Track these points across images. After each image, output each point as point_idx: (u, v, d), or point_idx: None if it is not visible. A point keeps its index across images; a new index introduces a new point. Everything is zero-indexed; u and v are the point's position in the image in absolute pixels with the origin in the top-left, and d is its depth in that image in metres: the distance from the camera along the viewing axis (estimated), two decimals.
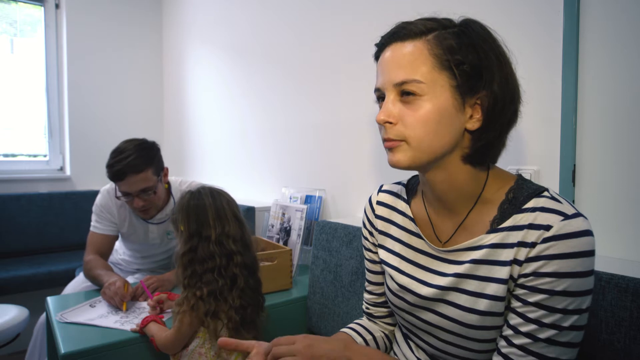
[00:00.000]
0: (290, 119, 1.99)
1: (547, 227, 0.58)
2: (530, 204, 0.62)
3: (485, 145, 0.64)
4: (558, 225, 0.58)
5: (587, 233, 0.58)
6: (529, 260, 0.59)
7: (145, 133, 3.12)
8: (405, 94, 0.63)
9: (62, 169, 2.95)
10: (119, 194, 1.47)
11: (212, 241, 1.03)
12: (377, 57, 0.70)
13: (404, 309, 0.76)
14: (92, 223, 1.60)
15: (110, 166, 1.42)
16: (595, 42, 0.95)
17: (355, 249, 1.31)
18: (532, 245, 0.59)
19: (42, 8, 2.86)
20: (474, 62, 0.61)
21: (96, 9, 2.96)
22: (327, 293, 1.39)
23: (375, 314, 0.90)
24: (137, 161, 1.42)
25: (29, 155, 2.90)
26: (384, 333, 0.89)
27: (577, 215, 0.59)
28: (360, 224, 1.35)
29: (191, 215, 1.06)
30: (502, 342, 0.62)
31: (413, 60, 0.62)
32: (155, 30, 3.25)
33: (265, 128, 2.18)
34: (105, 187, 1.61)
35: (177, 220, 1.09)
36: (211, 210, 1.06)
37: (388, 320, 0.89)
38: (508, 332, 0.62)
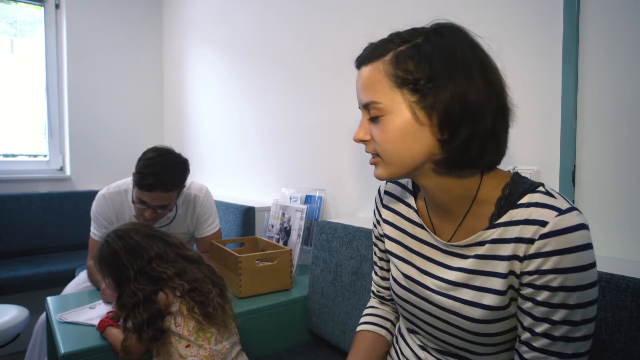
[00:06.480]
0: (290, 119, 1.99)
1: (543, 223, 0.59)
2: (525, 199, 0.63)
3: (454, 153, 0.63)
4: (553, 221, 0.59)
5: (582, 227, 0.59)
6: (530, 257, 0.60)
7: (145, 133, 3.17)
8: (372, 114, 0.67)
9: (62, 169, 2.95)
10: (134, 199, 1.45)
11: (133, 279, 1.05)
12: None
13: (408, 300, 0.77)
14: (91, 229, 1.59)
15: (142, 174, 1.38)
16: (595, 42, 0.95)
17: (355, 249, 1.31)
18: (530, 241, 0.60)
19: (42, 8, 2.86)
20: (430, 76, 0.61)
21: (96, 9, 2.96)
22: (327, 293, 1.39)
23: (387, 297, 0.94)
24: (171, 182, 1.42)
25: (29, 155, 2.90)
26: (396, 315, 0.93)
27: (571, 209, 0.60)
28: (360, 224, 1.36)
29: (110, 266, 1.09)
30: (524, 348, 0.63)
31: (371, 82, 0.66)
32: (155, 31, 3.25)
33: (265, 128, 2.18)
34: (102, 192, 1.57)
35: (102, 273, 1.12)
36: (122, 252, 1.08)
37: None
38: (525, 335, 0.63)
